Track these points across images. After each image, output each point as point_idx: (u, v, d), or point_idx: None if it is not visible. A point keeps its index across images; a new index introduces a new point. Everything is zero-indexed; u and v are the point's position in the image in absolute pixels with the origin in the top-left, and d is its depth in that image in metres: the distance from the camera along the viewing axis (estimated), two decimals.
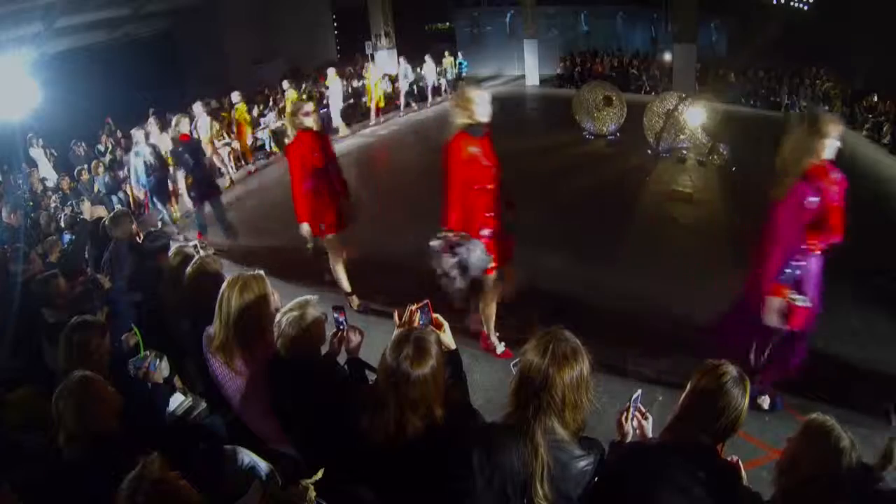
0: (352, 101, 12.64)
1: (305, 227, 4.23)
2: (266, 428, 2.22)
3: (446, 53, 14.88)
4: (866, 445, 1.75)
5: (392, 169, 9.78)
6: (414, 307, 1.98)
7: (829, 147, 2.71)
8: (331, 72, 11.02)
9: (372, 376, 2.16)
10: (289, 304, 2.02)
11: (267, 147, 10.29)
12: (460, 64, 15.50)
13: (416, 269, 4.87)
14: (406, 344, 1.61)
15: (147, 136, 7.06)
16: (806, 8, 13.92)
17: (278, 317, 1.99)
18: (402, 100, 12.84)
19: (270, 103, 11.35)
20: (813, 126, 2.74)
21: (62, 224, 6.87)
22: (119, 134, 9.60)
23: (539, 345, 1.54)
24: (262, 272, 2.24)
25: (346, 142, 10.51)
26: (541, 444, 1.51)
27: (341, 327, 2.20)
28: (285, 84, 10.69)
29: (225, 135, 9.08)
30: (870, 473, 1.87)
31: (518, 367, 1.60)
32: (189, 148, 6.23)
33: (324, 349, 2.16)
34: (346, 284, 4.55)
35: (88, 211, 6.80)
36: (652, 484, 1.55)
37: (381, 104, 11.91)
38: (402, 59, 12.98)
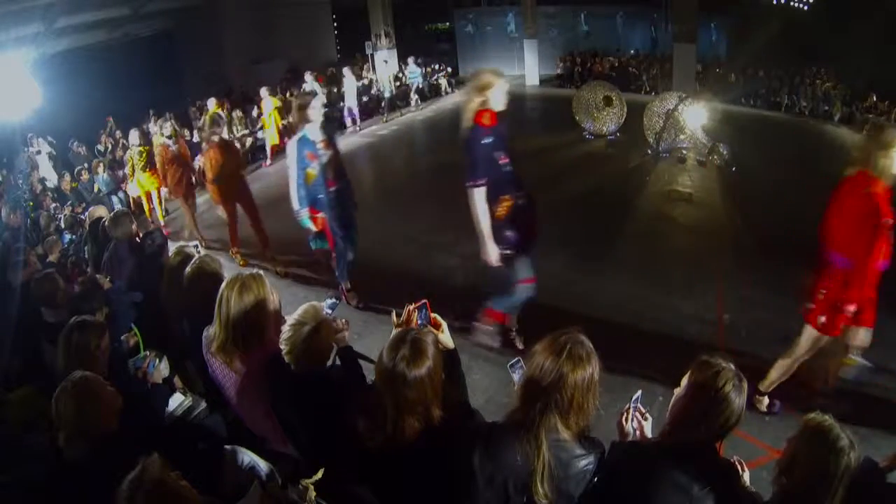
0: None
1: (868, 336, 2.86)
2: (266, 428, 2.23)
3: (385, 61, 12.61)
4: (866, 445, 1.75)
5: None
6: (412, 307, 1.98)
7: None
8: (211, 103, 9.08)
9: (364, 363, 2.16)
10: (299, 315, 1.97)
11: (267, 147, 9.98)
12: (409, 76, 13.29)
13: (415, 269, 4.90)
14: (403, 344, 1.60)
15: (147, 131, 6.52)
16: (806, 8, 13.92)
17: (288, 330, 1.94)
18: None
19: None
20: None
21: (62, 224, 6.87)
22: (119, 134, 9.61)
23: (556, 344, 1.54)
24: (261, 272, 2.23)
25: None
26: (543, 443, 1.51)
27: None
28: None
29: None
30: (877, 469, 1.89)
31: (528, 365, 1.60)
32: (497, 137, 3.23)
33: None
34: None
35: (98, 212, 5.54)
36: (651, 483, 1.55)
37: (276, 142, 9.25)
38: (308, 75, 10.54)
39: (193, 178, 6.68)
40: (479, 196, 3.21)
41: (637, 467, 1.61)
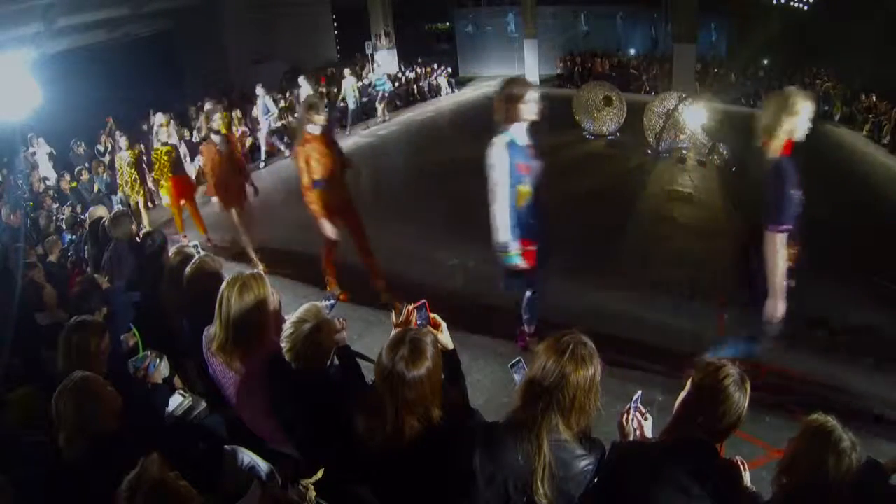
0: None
1: None
2: (266, 428, 2.22)
3: (347, 72, 11.52)
4: (867, 446, 1.75)
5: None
6: (411, 307, 1.97)
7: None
8: (159, 117, 7.76)
9: (363, 363, 2.16)
10: (301, 314, 1.95)
11: (263, 148, 9.91)
12: (375, 84, 12.51)
13: (414, 268, 4.89)
14: (402, 345, 1.60)
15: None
16: (806, 8, 13.94)
17: (290, 328, 1.93)
18: (262, 148, 9.59)
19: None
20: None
21: (63, 224, 6.87)
22: (118, 134, 9.64)
23: (558, 344, 1.54)
24: (261, 272, 2.23)
25: None
26: (545, 443, 1.52)
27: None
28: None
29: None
30: (878, 470, 1.88)
31: (530, 365, 1.60)
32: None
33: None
34: None
35: (98, 212, 5.01)
36: (652, 483, 1.55)
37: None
38: (259, 88, 9.57)
39: (249, 184, 5.52)
40: (781, 242, 2.71)
41: (637, 467, 1.60)
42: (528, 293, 3.54)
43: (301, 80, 10.38)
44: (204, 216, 6.33)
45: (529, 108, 3.04)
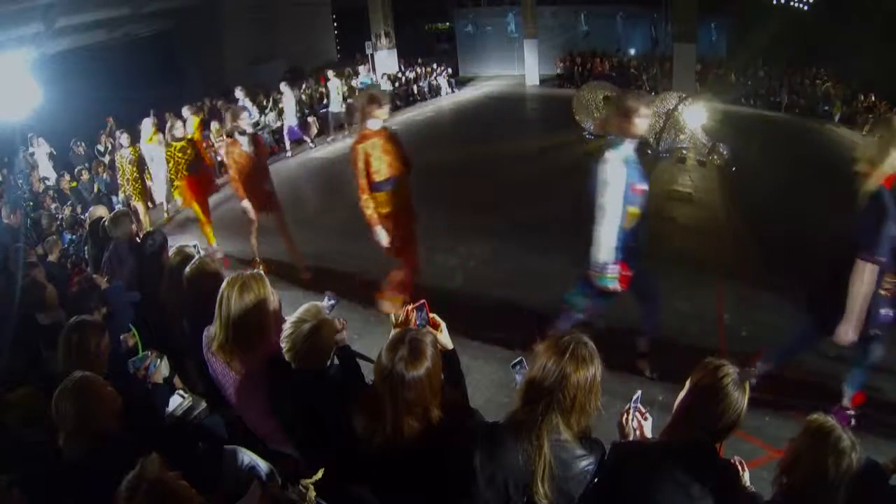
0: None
1: None
2: (266, 428, 2.22)
3: (330, 73, 11.16)
4: (867, 446, 1.75)
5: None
6: (410, 307, 1.97)
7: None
8: (147, 124, 7.41)
9: (363, 363, 2.16)
10: (301, 314, 1.95)
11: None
12: (359, 88, 12.19)
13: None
14: (401, 345, 1.59)
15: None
16: (806, 8, 13.94)
17: (290, 328, 1.93)
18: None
19: (270, 103, 11.34)
20: None
21: (63, 224, 6.87)
22: (119, 132, 9.64)
23: (559, 345, 1.54)
24: (261, 272, 2.23)
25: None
26: (545, 443, 1.52)
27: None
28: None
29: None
30: (878, 470, 1.89)
31: (531, 365, 1.60)
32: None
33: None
34: None
35: (98, 212, 4.91)
36: (651, 483, 1.55)
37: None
38: (239, 91, 9.09)
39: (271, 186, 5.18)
40: (870, 274, 2.73)
41: (637, 467, 1.60)
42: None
43: (283, 86, 10.14)
44: (216, 218, 6.16)
45: (643, 123, 3.02)
